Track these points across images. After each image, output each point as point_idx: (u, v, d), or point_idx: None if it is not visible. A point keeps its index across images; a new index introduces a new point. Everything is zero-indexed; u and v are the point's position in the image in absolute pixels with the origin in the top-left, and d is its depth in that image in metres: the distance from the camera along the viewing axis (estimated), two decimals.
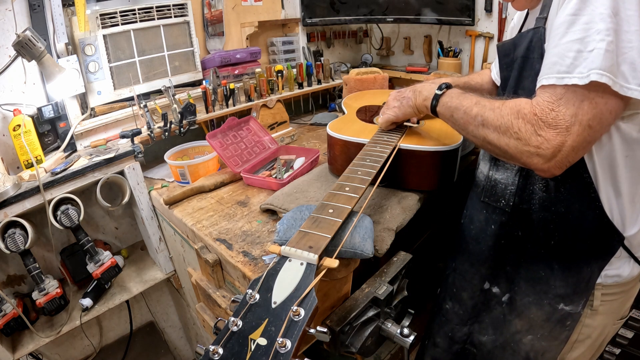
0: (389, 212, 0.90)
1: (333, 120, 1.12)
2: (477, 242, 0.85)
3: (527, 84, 0.69)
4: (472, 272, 0.89)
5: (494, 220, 0.79)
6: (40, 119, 1.14)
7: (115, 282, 1.32)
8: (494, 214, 0.79)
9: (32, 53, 1.03)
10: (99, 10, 1.25)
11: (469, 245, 0.88)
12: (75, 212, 1.10)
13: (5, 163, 1.10)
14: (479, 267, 0.87)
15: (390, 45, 2.17)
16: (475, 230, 0.85)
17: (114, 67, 1.32)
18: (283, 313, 0.43)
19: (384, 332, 0.74)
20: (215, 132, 1.23)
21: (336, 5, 1.90)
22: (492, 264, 0.83)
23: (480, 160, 0.86)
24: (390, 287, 0.77)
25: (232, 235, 0.93)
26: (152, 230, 1.30)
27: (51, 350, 1.37)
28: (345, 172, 0.77)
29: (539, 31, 0.67)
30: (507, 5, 1.60)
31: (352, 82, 1.58)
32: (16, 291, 1.26)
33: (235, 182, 1.22)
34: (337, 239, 0.61)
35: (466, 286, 0.91)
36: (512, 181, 0.75)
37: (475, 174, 0.88)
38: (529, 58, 0.69)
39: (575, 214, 0.68)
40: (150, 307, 1.64)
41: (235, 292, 0.92)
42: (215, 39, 1.66)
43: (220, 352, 0.39)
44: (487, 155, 0.82)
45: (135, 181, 1.22)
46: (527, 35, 0.70)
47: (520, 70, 0.72)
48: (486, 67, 1.66)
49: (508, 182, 0.75)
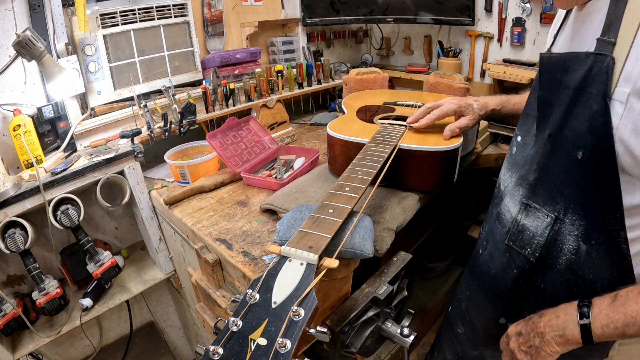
0: (389, 212, 0.90)
1: (333, 120, 1.12)
2: (495, 281, 0.77)
3: (577, 124, 0.58)
4: (488, 306, 0.82)
5: (516, 265, 0.71)
6: (40, 119, 1.14)
7: (115, 282, 1.32)
8: (517, 260, 0.71)
9: (32, 53, 1.03)
10: (99, 10, 1.25)
11: (487, 283, 0.80)
12: (75, 212, 1.10)
13: (5, 163, 1.10)
14: (495, 303, 0.79)
15: (390, 45, 2.17)
16: (496, 270, 0.76)
17: (114, 67, 1.32)
18: (283, 313, 0.43)
19: (384, 332, 0.74)
20: (215, 132, 1.23)
21: (336, 5, 1.90)
22: (509, 304, 0.76)
23: (508, 197, 0.75)
24: (390, 287, 0.77)
25: (232, 235, 0.93)
26: (152, 230, 1.30)
27: (51, 350, 1.37)
28: (345, 172, 0.77)
29: (605, 62, 0.53)
30: (507, 5, 1.61)
31: (352, 82, 1.58)
32: (16, 291, 1.26)
33: (235, 182, 1.22)
34: (337, 239, 0.61)
35: (481, 317, 0.84)
36: (541, 232, 0.65)
37: (499, 208, 0.77)
38: (585, 92, 0.56)
39: (603, 282, 0.60)
40: (150, 307, 1.64)
41: (235, 292, 0.92)
42: (215, 39, 1.66)
43: (220, 352, 0.39)
44: (518, 194, 0.71)
45: (135, 181, 1.22)
46: (585, 61, 0.56)
47: (571, 105, 0.59)
48: (486, 67, 1.66)
49: (537, 232, 0.66)
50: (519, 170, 0.73)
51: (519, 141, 0.76)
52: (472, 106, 0.96)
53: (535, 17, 1.55)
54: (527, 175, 0.69)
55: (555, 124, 0.62)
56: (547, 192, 0.64)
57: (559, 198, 0.62)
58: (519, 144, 0.76)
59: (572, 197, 0.60)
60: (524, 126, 0.75)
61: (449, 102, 0.98)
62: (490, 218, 0.83)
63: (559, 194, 0.62)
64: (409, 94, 1.46)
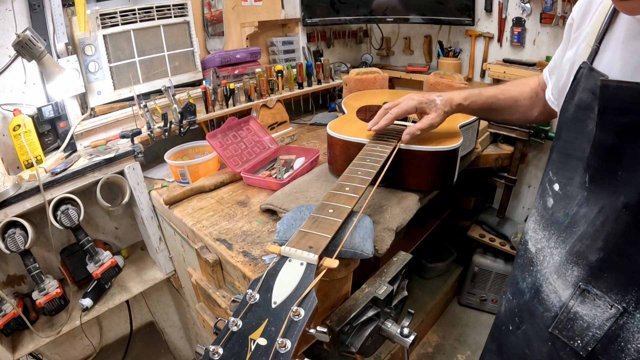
0: (389, 212, 0.90)
1: (333, 120, 1.12)
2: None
3: None
4: None
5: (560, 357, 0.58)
6: (40, 119, 1.14)
7: (115, 282, 1.32)
8: (562, 352, 0.58)
9: (32, 53, 1.03)
10: (99, 10, 1.25)
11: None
12: (75, 212, 1.10)
13: (5, 163, 1.10)
14: None
15: (390, 45, 2.17)
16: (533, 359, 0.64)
17: (114, 67, 1.32)
18: (283, 313, 0.43)
19: (384, 332, 0.74)
20: (215, 132, 1.23)
21: (336, 5, 1.90)
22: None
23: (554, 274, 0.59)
24: (390, 287, 0.77)
25: (232, 235, 0.93)
26: (152, 230, 1.30)
27: (51, 350, 1.38)
28: (345, 172, 0.77)
29: None
30: (507, 5, 1.61)
31: (352, 82, 1.58)
32: (16, 291, 1.26)
33: (235, 182, 1.22)
34: (337, 239, 0.61)
35: None
36: (600, 324, 0.52)
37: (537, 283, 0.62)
38: None
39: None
40: (150, 307, 1.64)
41: (235, 292, 0.92)
42: (215, 39, 1.66)
43: (220, 352, 0.39)
44: (571, 275, 0.55)
45: (135, 181, 1.22)
46: None
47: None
48: (486, 67, 1.66)
49: (594, 323, 0.53)
50: (563, 235, 0.58)
51: (556, 191, 0.60)
52: (434, 102, 0.88)
53: (535, 17, 1.55)
54: (585, 252, 0.53)
55: (635, 191, 0.46)
56: (616, 278, 0.50)
57: (632, 287, 0.49)
58: (557, 195, 0.60)
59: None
60: (564, 171, 0.59)
61: (408, 98, 0.90)
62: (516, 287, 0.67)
63: (633, 282, 0.49)
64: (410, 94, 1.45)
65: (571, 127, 0.58)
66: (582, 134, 0.55)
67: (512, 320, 0.68)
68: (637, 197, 0.46)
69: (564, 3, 1.42)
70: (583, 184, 0.54)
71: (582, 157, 0.54)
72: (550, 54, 1.56)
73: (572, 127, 0.57)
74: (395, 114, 0.89)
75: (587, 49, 0.58)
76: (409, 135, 0.88)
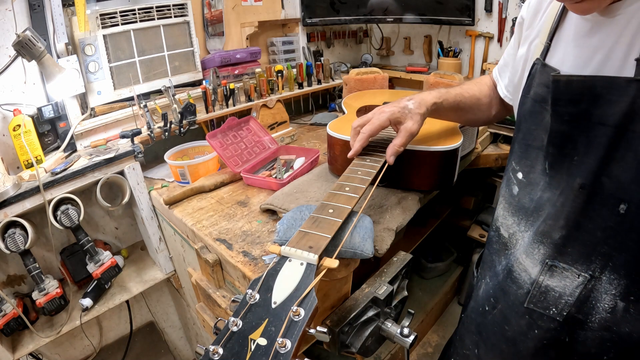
0: (389, 212, 0.90)
1: (333, 120, 1.12)
2: (514, 344, 0.68)
3: (619, 172, 0.48)
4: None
5: (538, 326, 0.63)
6: (40, 119, 1.14)
7: (115, 282, 1.32)
8: (540, 321, 0.62)
9: (32, 53, 1.03)
10: (99, 10, 1.25)
11: (503, 344, 0.71)
12: (75, 212, 1.10)
13: (5, 163, 1.10)
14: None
15: (390, 45, 2.17)
16: (513, 333, 0.67)
17: (114, 67, 1.32)
18: (283, 313, 0.43)
19: (384, 332, 0.74)
20: (215, 132, 1.23)
21: (336, 5, 1.90)
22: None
23: (523, 254, 0.63)
24: (390, 287, 0.77)
25: (232, 235, 0.93)
26: (152, 230, 1.30)
27: (51, 350, 1.37)
28: (345, 172, 0.77)
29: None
30: (507, 5, 1.61)
31: (352, 82, 1.58)
32: (16, 291, 1.26)
33: (235, 182, 1.22)
34: (337, 239, 0.61)
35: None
36: (570, 292, 0.57)
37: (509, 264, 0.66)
38: (628, 131, 0.46)
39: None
40: (150, 307, 1.64)
41: (235, 292, 0.92)
42: (215, 39, 1.66)
43: (220, 352, 0.39)
44: (538, 253, 0.60)
45: (135, 181, 1.22)
46: (625, 90, 0.46)
47: (611, 148, 0.48)
48: (486, 67, 1.66)
49: (565, 292, 0.58)
50: (531, 219, 0.62)
51: (520, 179, 0.64)
52: (407, 108, 0.80)
53: None
54: (550, 232, 0.58)
55: (589, 172, 0.51)
56: (579, 251, 0.55)
57: (595, 257, 0.53)
58: (521, 183, 0.64)
59: (611, 255, 0.52)
60: (525, 160, 0.63)
61: (379, 112, 0.82)
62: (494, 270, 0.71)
63: (595, 252, 0.53)
64: (409, 94, 1.46)
65: (529, 119, 0.61)
66: (539, 125, 0.59)
67: (487, 300, 0.71)
68: (592, 177, 0.50)
69: None
70: (544, 171, 0.58)
71: (540, 146, 0.58)
72: None
73: (530, 119, 0.61)
74: (369, 132, 0.81)
75: (539, 46, 0.62)
76: (392, 156, 0.80)
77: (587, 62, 0.53)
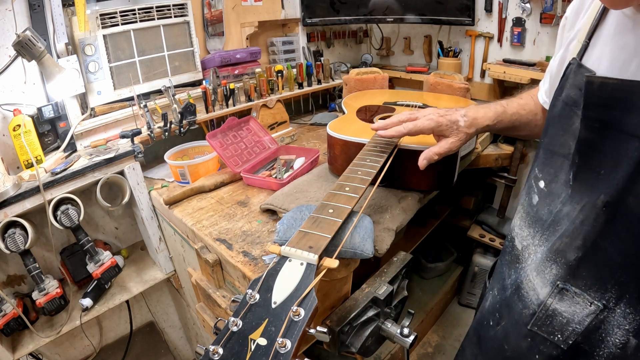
0: (389, 212, 0.90)
1: (333, 120, 1.12)
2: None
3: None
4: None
5: (540, 351, 0.58)
6: (40, 119, 1.14)
7: (115, 282, 1.32)
8: (542, 346, 0.57)
9: (32, 53, 1.03)
10: (99, 10, 1.25)
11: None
12: (75, 212, 1.10)
13: (5, 163, 1.10)
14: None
15: (390, 45, 2.17)
16: (512, 353, 0.63)
17: (114, 67, 1.32)
18: (283, 313, 0.43)
19: (384, 332, 0.74)
20: (215, 132, 1.23)
21: (336, 5, 1.90)
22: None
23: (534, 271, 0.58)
24: (390, 287, 0.77)
25: (232, 235, 0.93)
26: (152, 230, 1.30)
27: (51, 350, 1.38)
28: (345, 172, 0.77)
29: None
30: (507, 5, 1.61)
31: (352, 82, 1.58)
32: (16, 291, 1.26)
33: (235, 182, 1.22)
34: (337, 239, 0.61)
35: None
36: (579, 320, 0.52)
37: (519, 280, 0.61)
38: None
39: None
40: (150, 307, 1.64)
41: (235, 292, 0.92)
42: (215, 39, 1.66)
43: (220, 352, 0.39)
44: (550, 273, 0.55)
45: (135, 181, 1.22)
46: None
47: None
48: (486, 67, 1.66)
49: (574, 318, 0.52)
50: (547, 233, 0.57)
51: (542, 188, 0.59)
52: (457, 124, 0.77)
53: (535, 17, 1.55)
54: (564, 251, 0.52)
55: (615, 189, 0.45)
56: (595, 276, 0.50)
57: (611, 285, 0.48)
58: (542, 192, 0.59)
59: (628, 285, 0.47)
60: (549, 168, 0.58)
61: (427, 117, 0.79)
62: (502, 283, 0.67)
63: (612, 280, 0.48)
64: (409, 94, 1.46)
65: (557, 123, 0.57)
66: (567, 131, 0.54)
67: (492, 315, 0.68)
68: (617, 195, 0.45)
69: (564, 3, 1.42)
70: (567, 182, 0.53)
71: (567, 154, 0.54)
72: (550, 54, 1.56)
73: (558, 124, 0.57)
74: (408, 131, 0.80)
75: (577, 45, 0.57)
76: (426, 160, 0.78)
77: (626, 65, 0.48)
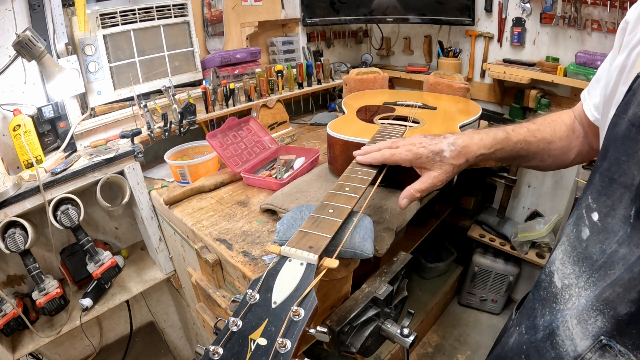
0: (389, 212, 0.90)
1: (333, 120, 1.12)
2: None
3: None
4: None
5: None
6: (40, 119, 1.14)
7: (115, 282, 1.32)
8: None
9: (32, 53, 1.03)
10: (99, 10, 1.25)
11: None
12: (75, 212, 1.10)
13: (5, 163, 1.10)
14: None
15: (390, 45, 2.17)
16: None
17: (114, 67, 1.32)
18: (283, 313, 0.43)
19: (384, 332, 0.74)
20: (215, 132, 1.23)
21: (336, 5, 1.90)
22: None
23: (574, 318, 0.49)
24: (390, 287, 0.77)
25: (232, 235, 0.93)
26: (152, 230, 1.30)
27: (51, 350, 1.38)
28: (345, 172, 0.77)
29: None
30: (507, 5, 1.61)
31: (352, 82, 1.58)
32: (16, 291, 1.26)
33: (235, 182, 1.22)
34: (337, 239, 0.61)
35: None
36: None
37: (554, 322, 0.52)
38: None
39: None
40: (150, 307, 1.64)
41: (235, 292, 0.92)
42: (215, 39, 1.66)
43: (220, 352, 0.39)
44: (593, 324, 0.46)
45: (135, 181, 1.22)
46: None
47: None
48: (486, 67, 1.66)
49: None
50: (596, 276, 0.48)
51: (595, 221, 0.49)
52: (441, 154, 0.67)
53: (535, 17, 1.55)
54: (615, 302, 0.44)
55: None
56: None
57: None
58: (595, 227, 0.49)
59: None
60: (605, 198, 0.48)
61: (406, 147, 0.72)
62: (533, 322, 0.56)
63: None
64: (409, 94, 1.46)
65: (620, 146, 0.47)
66: (632, 157, 0.45)
67: (517, 356, 0.58)
68: None
69: (564, 3, 1.42)
70: (627, 218, 0.44)
71: (629, 184, 0.44)
72: (551, 54, 1.57)
73: (621, 147, 0.47)
74: (385, 159, 0.75)
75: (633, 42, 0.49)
76: (406, 199, 0.70)
77: None
